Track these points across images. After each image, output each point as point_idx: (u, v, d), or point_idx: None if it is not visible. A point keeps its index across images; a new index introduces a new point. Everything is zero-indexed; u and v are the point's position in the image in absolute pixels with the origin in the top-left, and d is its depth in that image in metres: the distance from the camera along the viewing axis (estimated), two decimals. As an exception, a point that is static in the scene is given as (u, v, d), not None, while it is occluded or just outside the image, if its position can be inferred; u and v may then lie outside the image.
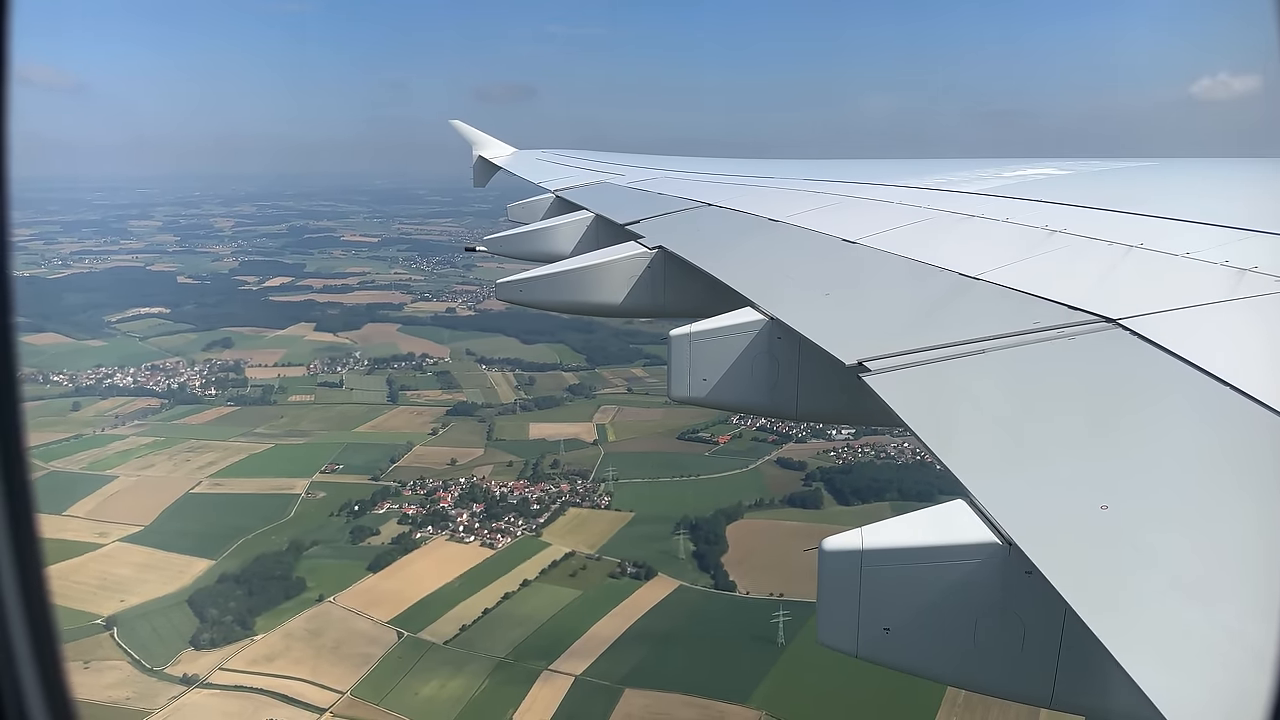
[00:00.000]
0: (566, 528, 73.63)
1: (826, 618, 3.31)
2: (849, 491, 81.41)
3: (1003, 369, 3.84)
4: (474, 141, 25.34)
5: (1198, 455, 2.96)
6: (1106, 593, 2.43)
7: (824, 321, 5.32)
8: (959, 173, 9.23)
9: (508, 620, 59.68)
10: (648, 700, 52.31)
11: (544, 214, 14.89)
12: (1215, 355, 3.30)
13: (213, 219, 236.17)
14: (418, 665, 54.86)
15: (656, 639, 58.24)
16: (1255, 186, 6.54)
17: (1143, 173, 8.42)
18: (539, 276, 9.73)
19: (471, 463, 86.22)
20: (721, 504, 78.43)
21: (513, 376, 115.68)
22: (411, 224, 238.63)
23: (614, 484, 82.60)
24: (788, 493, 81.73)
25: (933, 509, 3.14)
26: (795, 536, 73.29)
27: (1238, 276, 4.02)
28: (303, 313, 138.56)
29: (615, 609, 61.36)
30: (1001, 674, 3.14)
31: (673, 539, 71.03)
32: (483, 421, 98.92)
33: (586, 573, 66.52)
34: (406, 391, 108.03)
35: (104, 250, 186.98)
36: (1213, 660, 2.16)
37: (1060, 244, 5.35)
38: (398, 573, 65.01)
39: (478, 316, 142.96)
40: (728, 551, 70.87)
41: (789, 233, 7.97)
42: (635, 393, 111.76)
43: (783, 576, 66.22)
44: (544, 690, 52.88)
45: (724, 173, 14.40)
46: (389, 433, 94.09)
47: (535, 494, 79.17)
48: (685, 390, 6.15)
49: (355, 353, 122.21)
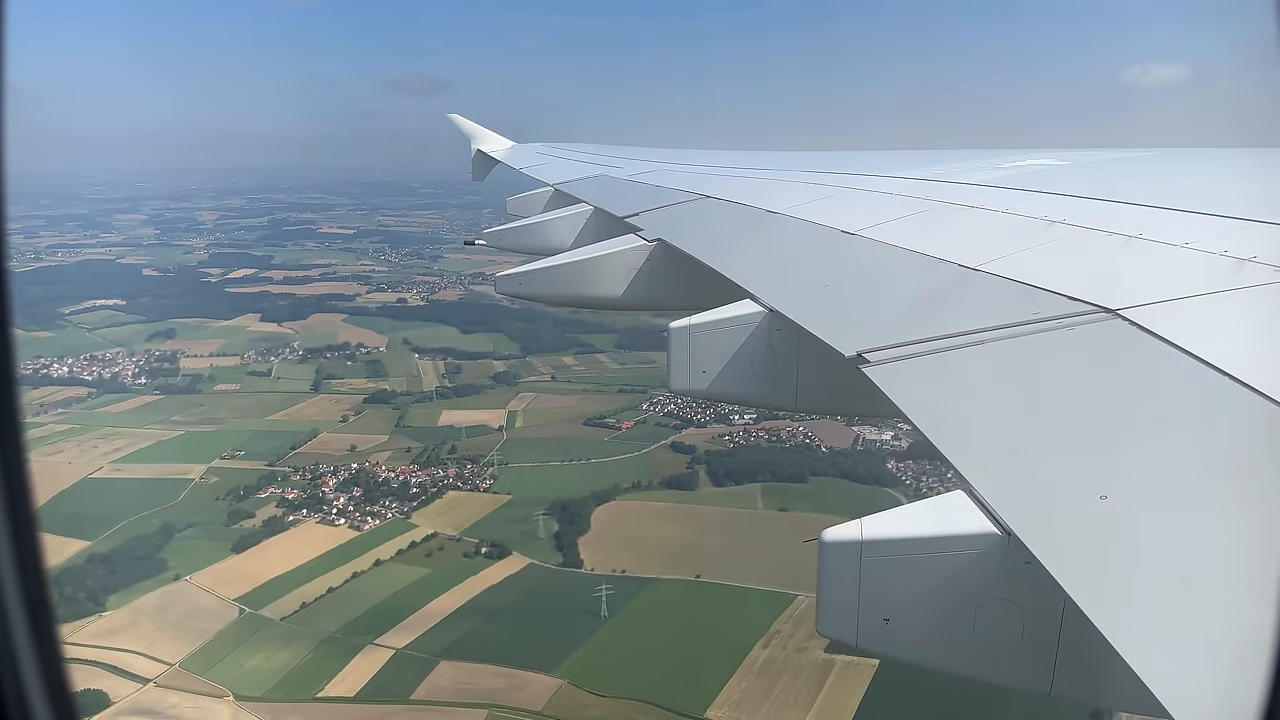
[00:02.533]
0: (440, 510, 76.30)
1: (827, 609, 3.32)
2: (723, 474, 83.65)
3: (1002, 360, 3.87)
4: (472, 135, 25.23)
5: (1197, 445, 2.95)
6: (1105, 582, 2.45)
7: (823, 313, 5.35)
8: (957, 164, 9.21)
9: (350, 597, 62.42)
10: (458, 671, 54.92)
11: (543, 207, 15.01)
12: (1215, 345, 3.28)
13: (198, 212, 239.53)
14: (251, 639, 57.70)
15: (487, 614, 60.91)
16: (1254, 177, 6.48)
17: (1141, 163, 8.41)
18: (538, 270, 9.77)
19: (371, 449, 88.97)
20: (600, 487, 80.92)
21: (442, 365, 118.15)
22: (394, 216, 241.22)
23: (500, 468, 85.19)
24: (668, 475, 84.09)
25: (932, 500, 3.18)
26: (659, 517, 76.00)
27: (1237, 266, 3.99)
28: (253, 304, 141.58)
29: (458, 586, 64.02)
30: (1001, 663, 3.17)
31: (537, 520, 73.52)
32: (397, 409, 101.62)
33: (443, 553, 69.19)
34: (332, 380, 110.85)
35: (80, 244, 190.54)
36: (1210, 649, 2.16)
37: (1059, 234, 5.34)
38: (260, 553, 67.89)
39: (427, 307, 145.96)
40: (588, 532, 73.30)
41: (788, 224, 7.98)
42: (559, 380, 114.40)
43: (632, 554, 68.83)
44: (362, 662, 55.62)
45: (722, 165, 14.38)
46: (301, 420, 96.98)
47: (420, 478, 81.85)
48: (685, 382, 6.22)
49: (294, 343, 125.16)
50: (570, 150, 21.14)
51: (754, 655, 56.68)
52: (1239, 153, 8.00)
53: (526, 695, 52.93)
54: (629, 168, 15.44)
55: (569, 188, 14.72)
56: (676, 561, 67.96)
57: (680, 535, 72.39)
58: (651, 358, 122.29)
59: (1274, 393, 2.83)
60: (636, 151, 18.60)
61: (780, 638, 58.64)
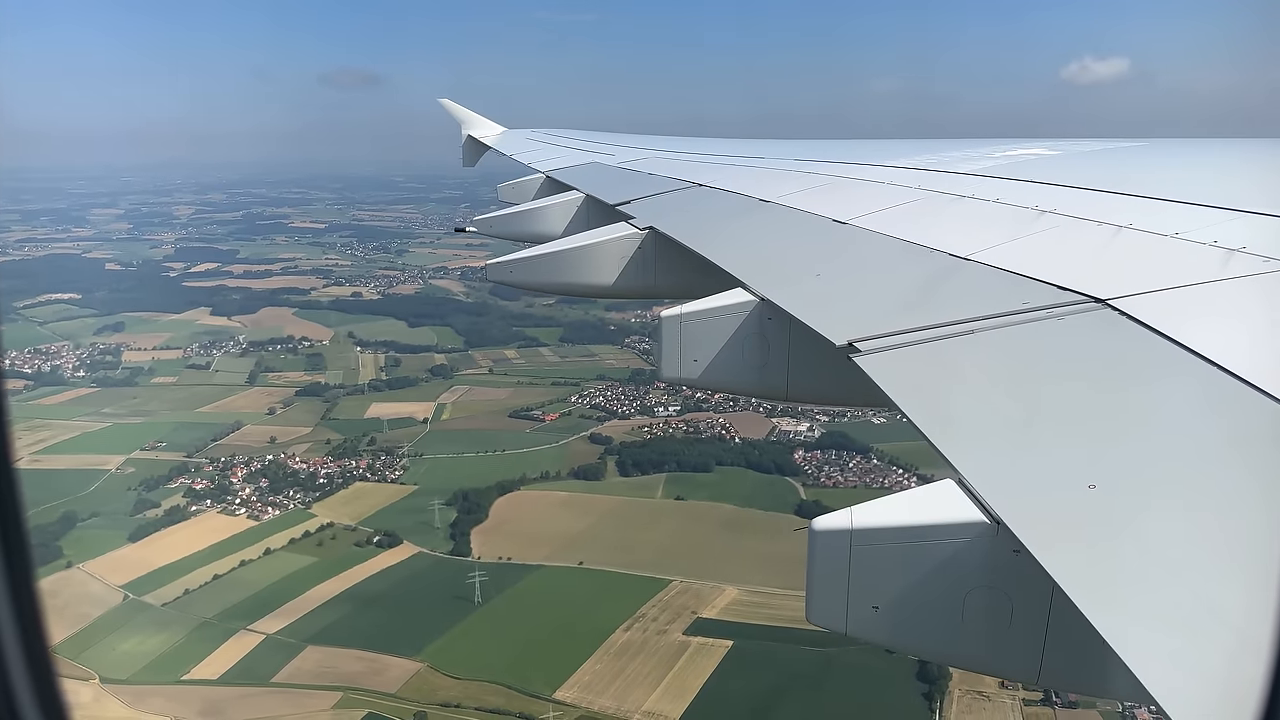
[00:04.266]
0: (343, 500, 77.97)
1: (816, 597, 3.34)
2: (631, 464, 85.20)
3: (992, 350, 3.88)
4: (463, 121, 25.00)
5: (1185, 436, 2.98)
6: (1094, 571, 2.47)
7: (815, 302, 5.38)
8: (949, 153, 9.25)
9: (233, 585, 64.17)
10: (323, 655, 56.66)
11: (534, 194, 14.94)
12: (1204, 336, 3.32)
13: (176, 207, 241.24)
14: (128, 624, 59.49)
15: (363, 601, 62.60)
16: (1244, 167, 6.49)
17: (1131, 153, 8.41)
18: (529, 258, 9.73)
19: (291, 441, 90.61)
20: (508, 477, 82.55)
21: (383, 358, 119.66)
22: (371, 211, 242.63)
23: (414, 460, 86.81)
24: (578, 466, 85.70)
25: (922, 489, 3.18)
26: (559, 506, 77.54)
27: (1226, 257, 4.03)
28: (206, 298, 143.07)
29: (341, 574, 65.72)
30: (989, 651, 3.20)
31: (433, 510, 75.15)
32: (327, 402, 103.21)
33: (335, 542, 70.91)
34: (269, 373, 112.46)
35: (50, 238, 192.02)
36: (1200, 639, 2.18)
37: (1050, 224, 5.38)
38: (155, 542, 69.65)
39: (381, 301, 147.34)
40: (485, 521, 74.95)
41: (780, 213, 7.98)
42: (495, 373, 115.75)
43: (523, 543, 70.42)
44: (232, 647, 57.41)
45: (714, 153, 14.34)
46: (230, 412, 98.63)
47: (331, 470, 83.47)
48: (676, 371, 6.16)
49: (239, 336, 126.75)
50: (561, 137, 20.95)
51: (615, 638, 58.30)
52: (1229, 143, 7.94)
53: (384, 679, 54.64)
54: (621, 155, 15.39)
55: (561, 175, 14.58)
56: (564, 549, 69.57)
57: (575, 524, 73.94)
58: (593, 351, 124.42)
59: (1263, 383, 2.86)
60: (628, 139, 18.57)
61: (644, 621, 60.29)
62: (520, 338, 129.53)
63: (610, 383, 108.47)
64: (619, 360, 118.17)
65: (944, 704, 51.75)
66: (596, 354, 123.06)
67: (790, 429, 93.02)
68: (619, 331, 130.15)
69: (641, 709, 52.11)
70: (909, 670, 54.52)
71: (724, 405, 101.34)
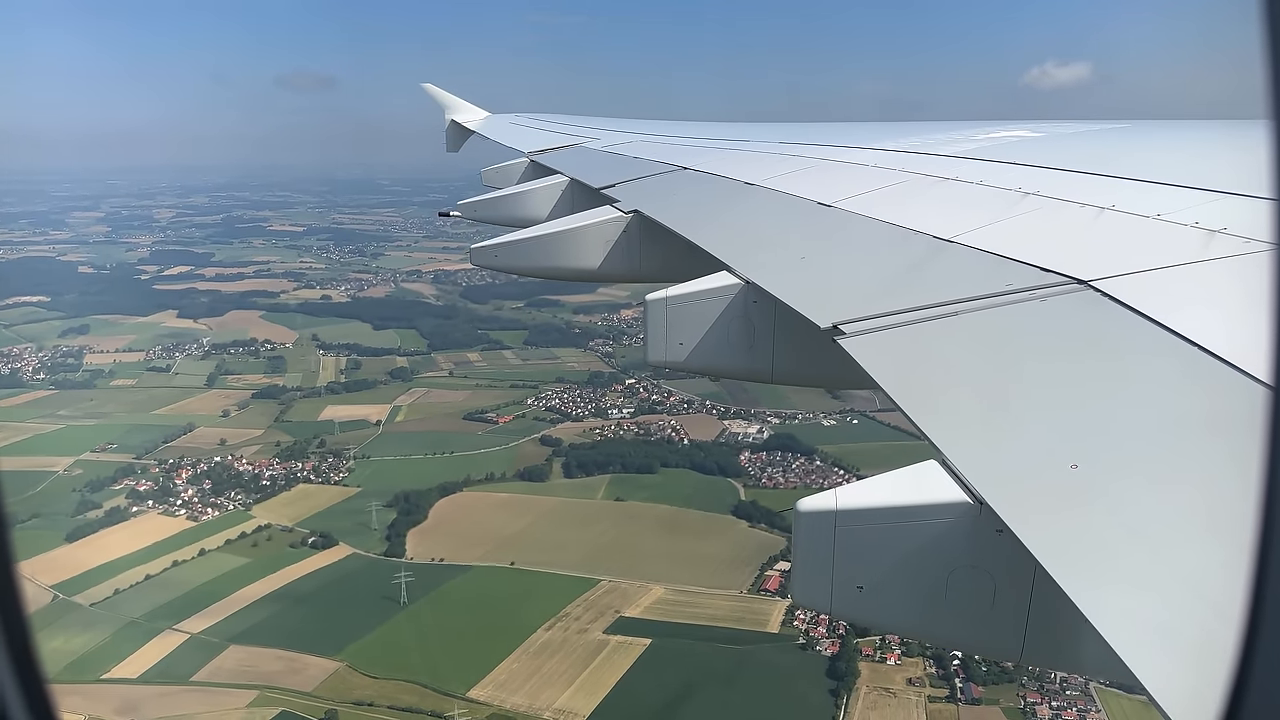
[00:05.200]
0: (285, 502, 78.54)
1: (801, 578, 3.37)
2: (576, 465, 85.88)
3: (976, 331, 3.91)
4: (446, 105, 24.78)
5: (1167, 416, 3.00)
6: (1075, 550, 2.50)
7: (800, 285, 5.39)
8: (934, 135, 9.23)
9: (164, 585, 64.71)
10: (245, 655, 57.23)
11: (519, 178, 14.81)
12: (1185, 317, 3.33)
13: (156, 210, 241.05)
14: (55, 624, 59.79)
15: (292, 600, 63.21)
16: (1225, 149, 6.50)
17: (1114, 135, 8.42)
18: (512, 241, 9.68)
19: (242, 443, 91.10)
20: (453, 479, 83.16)
21: (344, 361, 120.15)
22: (351, 214, 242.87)
23: (361, 462, 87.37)
24: (524, 467, 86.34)
25: (906, 469, 3.19)
26: (499, 507, 78.23)
27: (1208, 238, 4.04)
28: (175, 300, 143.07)
29: (273, 574, 66.28)
30: (973, 630, 3.23)
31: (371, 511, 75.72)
32: (282, 404, 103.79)
33: (270, 543, 71.46)
34: (228, 376, 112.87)
35: (26, 241, 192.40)
36: (1179, 615, 2.21)
37: (1033, 206, 5.39)
38: (92, 543, 70.17)
39: (350, 303, 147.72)
40: (423, 522, 75.55)
41: (765, 196, 7.94)
42: (456, 376, 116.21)
43: (458, 544, 71.08)
44: (156, 646, 57.95)
45: (700, 136, 14.30)
46: (185, 414, 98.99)
47: (277, 471, 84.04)
48: (662, 354, 6.20)
49: (203, 339, 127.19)
50: (545, 121, 20.80)
51: (536, 637, 58.93)
52: (1211, 125, 7.99)
53: (302, 677, 55.23)
54: (605, 139, 15.25)
55: (545, 159, 14.49)
56: (497, 549, 70.18)
57: (512, 524, 74.56)
58: (556, 354, 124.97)
59: (1243, 364, 2.86)
60: (612, 123, 18.43)
61: (567, 620, 60.91)
62: (484, 340, 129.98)
63: (568, 385, 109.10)
64: (580, 363, 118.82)
65: (850, 700, 52.41)
66: (559, 356, 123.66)
67: (740, 431, 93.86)
68: (583, 335, 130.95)
69: (553, 706, 52.75)
70: (820, 667, 55.30)
71: (678, 408, 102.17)
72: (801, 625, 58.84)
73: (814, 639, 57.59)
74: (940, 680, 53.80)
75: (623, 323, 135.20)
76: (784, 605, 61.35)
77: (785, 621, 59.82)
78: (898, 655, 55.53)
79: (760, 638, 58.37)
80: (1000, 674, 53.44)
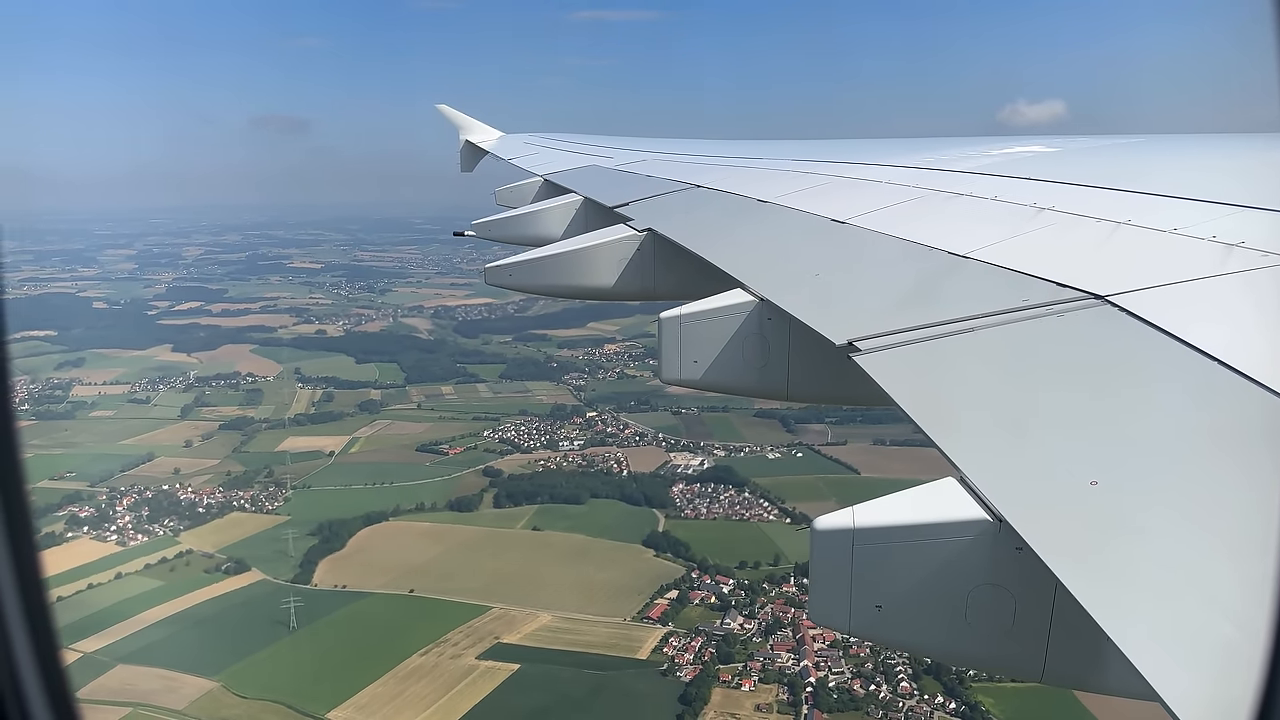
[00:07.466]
0: (214, 529, 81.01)
1: (818, 597, 3.33)
2: (506, 496, 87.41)
3: (993, 347, 3.88)
4: (461, 126, 25.13)
5: (1187, 431, 2.96)
6: (1096, 567, 2.46)
7: (814, 302, 5.43)
8: (947, 151, 9.20)
9: (73, 606, 66.75)
10: (129, 674, 59.23)
11: (532, 197, 14.99)
12: (1205, 331, 3.30)
13: (186, 248, 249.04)
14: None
15: (190, 623, 65.45)
16: (1242, 162, 6.45)
17: (1129, 149, 8.42)
18: (526, 261, 9.72)
19: (196, 472, 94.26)
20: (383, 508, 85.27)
21: (319, 394, 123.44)
22: (375, 250, 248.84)
23: (301, 491, 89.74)
24: (456, 497, 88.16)
25: (923, 487, 3.16)
26: (419, 536, 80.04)
27: (1226, 252, 3.99)
28: (173, 335, 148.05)
29: (179, 598, 68.62)
30: (993, 649, 3.19)
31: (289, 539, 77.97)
32: (245, 436, 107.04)
33: (188, 568, 73.86)
34: (203, 408, 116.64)
35: (53, 278, 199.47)
36: (1203, 635, 2.17)
37: (1048, 221, 5.35)
38: (19, 566, 73.24)
39: (341, 338, 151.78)
40: (340, 550, 77.59)
41: (778, 213, 8.00)
42: (424, 409, 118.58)
43: (365, 571, 72.95)
44: (47, 664, 60.37)
45: (712, 154, 14.39)
46: (149, 445, 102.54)
47: (217, 499, 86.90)
48: (676, 372, 6.19)
49: (190, 372, 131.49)
50: (559, 140, 20.99)
51: (409, 662, 60.17)
52: (1226, 138, 7.97)
53: (175, 696, 57.09)
54: (618, 157, 15.32)
55: (558, 178, 14.55)
56: (401, 577, 71.74)
57: (425, 553, 76.16)
58: (529, 388, 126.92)
59: (1264, 378, 2.83)
60: (626, 141, 18.57)
61: (445, 645, 62.20)
62: (461, 374, 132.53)
63: (530, 418, 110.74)
64: (550, 396, 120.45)
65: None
66: (531, 390, 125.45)
67: (683, 463, 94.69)
68: (560, 369, 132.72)
69: (405, 729, 54.14)
70: (674, 693, 55.92)
71: (629, 440, 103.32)
72: (670, 652, 59.59)
73: (677, 665, 58.19)
74: (788, 707, 54.11)
75: (603, 357, 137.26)
76: (661, 633, 62.20)
77: (656, 648, 60.55)
78: (753, 682, 55.93)
79: (626, 664, 59.03)
80: (848, 701, 53.73)
